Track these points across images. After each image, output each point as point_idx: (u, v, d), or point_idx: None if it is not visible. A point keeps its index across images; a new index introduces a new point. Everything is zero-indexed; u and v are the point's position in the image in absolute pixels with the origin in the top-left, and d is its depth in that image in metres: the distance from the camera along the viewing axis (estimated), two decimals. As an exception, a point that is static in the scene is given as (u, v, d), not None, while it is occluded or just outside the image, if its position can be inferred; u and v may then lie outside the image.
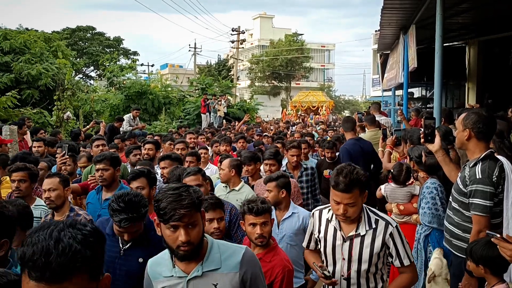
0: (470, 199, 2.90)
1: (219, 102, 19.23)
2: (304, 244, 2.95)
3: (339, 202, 2.47)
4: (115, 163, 4.11)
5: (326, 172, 6.24)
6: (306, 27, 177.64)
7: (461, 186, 3.00)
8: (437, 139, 3.30)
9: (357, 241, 2.57)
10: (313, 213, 2.83)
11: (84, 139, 9.17)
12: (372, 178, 6.32)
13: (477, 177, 2.86)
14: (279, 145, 7.48)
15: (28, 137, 8.85)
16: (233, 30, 35.45)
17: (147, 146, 6.09)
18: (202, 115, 18.79)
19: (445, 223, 3.26)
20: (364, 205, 2.59)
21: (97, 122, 10.72)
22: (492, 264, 2.56)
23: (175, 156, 5.07)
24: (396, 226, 2.56)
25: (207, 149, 6.71)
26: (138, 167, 4.56)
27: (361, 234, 2.56)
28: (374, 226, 2.56)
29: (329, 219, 2.68)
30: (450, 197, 3.19)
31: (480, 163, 2.90)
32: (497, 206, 2.90)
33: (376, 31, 22.08)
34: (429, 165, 4.04)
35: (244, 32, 38.36)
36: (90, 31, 39.84)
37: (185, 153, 5.70)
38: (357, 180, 2.43)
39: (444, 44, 6.60)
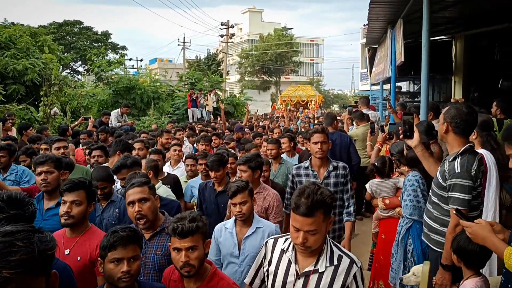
0: (449, 193, 2.93)
1: (206, 97, 19.19)
2: (247, 280, 2.51)
3: (298, 228, 2.08)
4: (60, 165, 3.76)
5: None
6: (296, 21, 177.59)
7: (440, 180, 3.03)
8: (416, 135, 3.33)
9: (313, 278, 2.16)
10: (266, 242, 2.42)
11: (72, 136, 9.10)
12: (358, 175, 6.48)
13: (456, 171, 2.89)
14: (257, 141, 7.53)
15: (13, 133, 8.76)
16: (222, 25, 35.32)
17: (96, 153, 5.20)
18: (188, 110, 18.80)
19: (424, 217, 3.29)
20: (328, 237, 2.23)
21: (86, 118, 10.60)
22: (467, 257, 2.60)
23: (131, 161, 4.19)
24: (360, 267, 2.20)
25: (181, 147, 6.56)
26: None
27: (320, 270, 2.15)
28: (336, 263, 2.16)
29: (285, 249, 2.29)
30: (430, 191, 3.22)
31: (459, 157, 2.93)
32: (475, 199, 2.94)
33: (364, 25, 22.09)
34: (410, 158, 4.09)
35: (234, 27, 38.22)
36: (78, 26, 39.47)
37: (143, 154, 5.48)
38: (322, 202, 2.06)
39: (431, 38, 6.64)
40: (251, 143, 6.68)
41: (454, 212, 2.45)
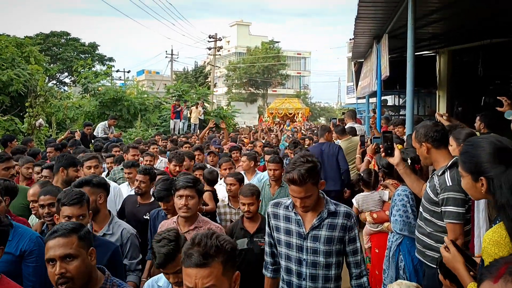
0: (443, 207, 2.92)
1: (190, 109, 19.13)
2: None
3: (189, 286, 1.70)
4: None
5: None
6: (283, 34, 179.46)
7: (432, 195, 3.02)
8: (397, 152, 3.35)
9: None
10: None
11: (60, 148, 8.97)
12: (349, 184, 6.67)
13: (447, 184, 2.89)
14: (234, 155, 7.49)
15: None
16: (210, 37, 35.40)
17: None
18: (171, 121, 18.69)
19: (417, 233, 3.26)
20: None
21: (72, 132, 10.46)
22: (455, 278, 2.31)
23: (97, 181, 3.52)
24: None
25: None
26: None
27: None
28: None
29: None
30: (421, 207, 3.21)
31: (448, 171, 2.94)
32: (467, 213, 2.95)
33: (350, 39, 22.27)
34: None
35: (221, 39, 38.39)
36: (65, 37, 39.27)
37: (98, 171, 4.94)
38: (218, 251, 1.71)
39: (416, 53, 6.76)
40: (224, 157, 6.42)
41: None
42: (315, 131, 18.02)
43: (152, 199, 4.44)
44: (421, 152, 3.12)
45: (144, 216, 4.37)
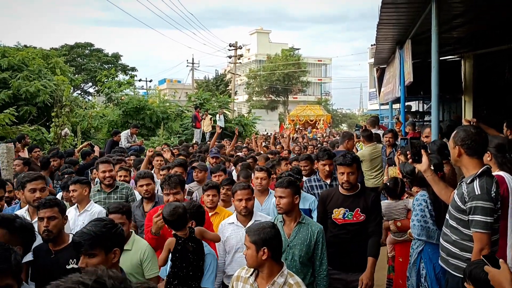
0: (470, 216, 2.85)
1: (204, 117, 19.04)
2: None
3: None
4: None
5: None
6: (303, 41, 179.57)
7: (459, 203, 2.96)
8: (424, 159, 3.29)
9: None
10: None
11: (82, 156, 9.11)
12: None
13: (476, 193, 2.82)
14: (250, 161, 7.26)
15: (25, 154, 8.82)
16: (230, 45, 35.64)
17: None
18: (195, 130, 18.12)
19: (441, 241, 3.21)
20: None
21: (92, 145, 10.43)
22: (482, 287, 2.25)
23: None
24: None
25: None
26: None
27: None
28: None
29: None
30: (447, 214, 3.15)
31: (478, 179, 2.88)
32: (496, 223, 2.87)
33: (372, 45, 22.10)
34: (420, 178, 4.04)
35: (242, 47, 38.65)
36: (89, 48, 40.13)
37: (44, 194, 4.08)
38: None
39: (440, 58, 6.65)
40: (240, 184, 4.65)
41: (482, 258, 2.30)
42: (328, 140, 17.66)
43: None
44: (453, 153, 3.08)
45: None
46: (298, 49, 55.37)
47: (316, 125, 32.76)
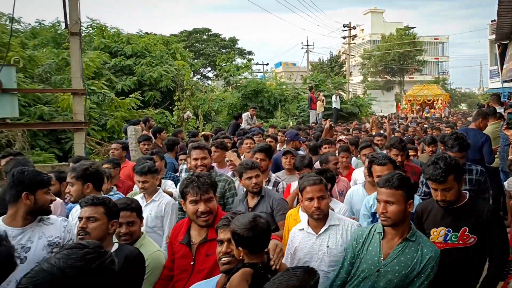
0: None
1: (319, 98, 18.18)
2: None
3: None
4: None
5: None
6: (418, 20, 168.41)
7: None
8: None
9: None
10: None
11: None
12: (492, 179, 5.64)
13: None
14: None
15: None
16: (344, 26, 34.60)
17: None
18: (311, 111, 17.57)
19: None
20: None
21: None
22: None
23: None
24: None
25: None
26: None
27: None
28: None
29: None
30: None
31: None
32: None
33: (492, 21, 20.55)
34: None
35: (355, 28, 37.65)
36: (206, 33, 41.40)
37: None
38: None
39: None
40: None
41: None
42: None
43: None
44: None
45: None
46: (413, 28, 52.43)
47: (434, 105, 30.77)
